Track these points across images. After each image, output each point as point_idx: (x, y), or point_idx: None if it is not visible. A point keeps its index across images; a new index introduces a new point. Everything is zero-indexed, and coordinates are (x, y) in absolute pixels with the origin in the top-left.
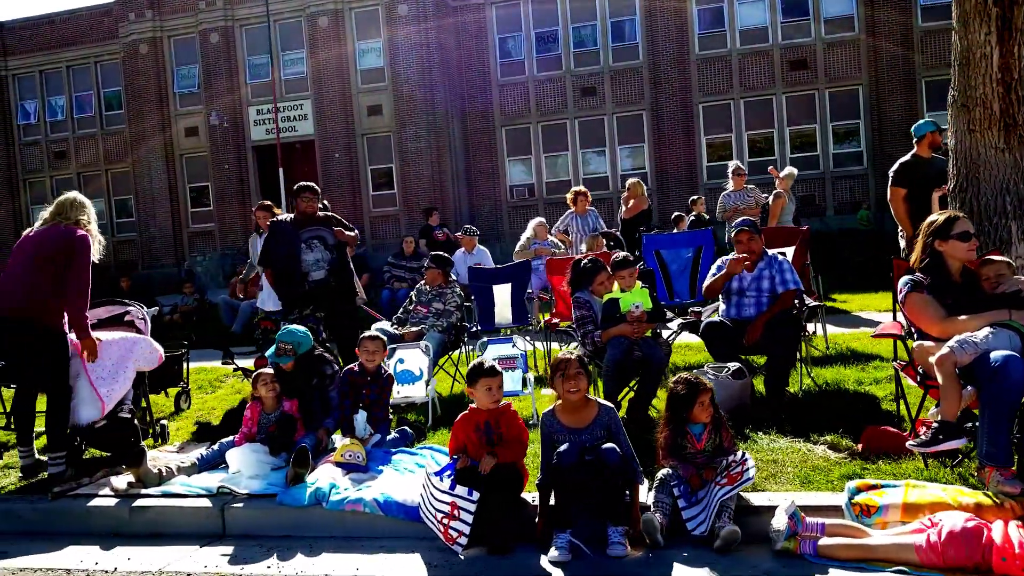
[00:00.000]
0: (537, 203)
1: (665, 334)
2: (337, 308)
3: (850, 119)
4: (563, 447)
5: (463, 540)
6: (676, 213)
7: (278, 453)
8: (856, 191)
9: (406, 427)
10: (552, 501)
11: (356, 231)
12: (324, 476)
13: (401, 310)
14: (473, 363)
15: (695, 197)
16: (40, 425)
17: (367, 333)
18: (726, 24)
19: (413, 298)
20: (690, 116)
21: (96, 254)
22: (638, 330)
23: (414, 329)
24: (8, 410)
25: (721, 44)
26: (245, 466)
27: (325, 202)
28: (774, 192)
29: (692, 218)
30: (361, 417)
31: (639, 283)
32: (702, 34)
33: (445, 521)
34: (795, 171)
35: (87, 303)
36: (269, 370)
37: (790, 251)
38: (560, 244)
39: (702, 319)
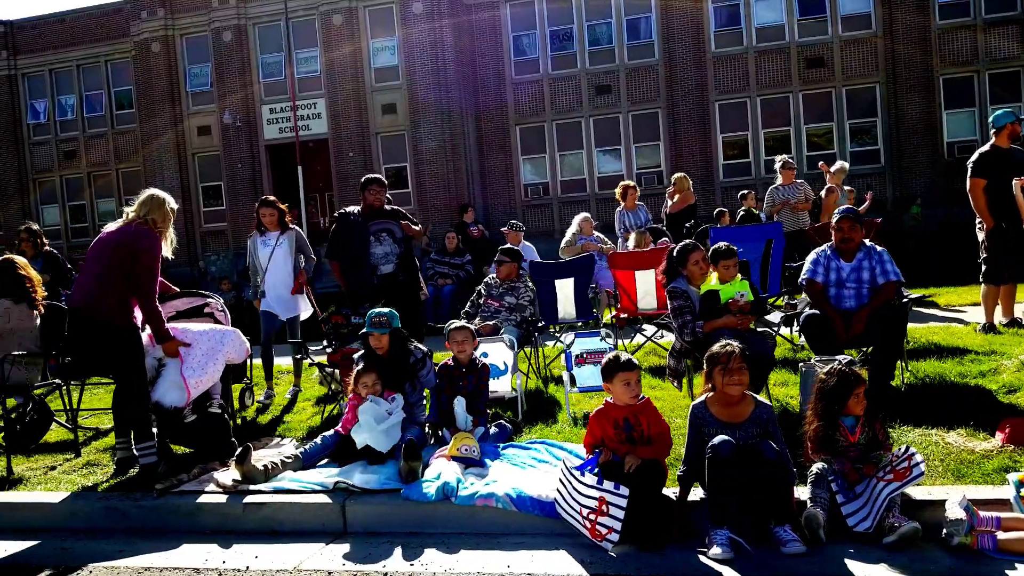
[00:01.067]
0: (551, 202)
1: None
2: (403, 303)
3: (867, 117)
4: (718, 439)
5: (614, 536)
6: (718, 208)
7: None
8: (875, 189)
9: (502, 421)
10: (696, 496)
11: (421, 226)
12: (446, 471)
13: (469, 304)
14: (608, 357)
15: (744, 192)
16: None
17: (454, 324)
18: (742, 22)
19: (482, 291)
20: (706, 114)
21: (168, 253)
22: (743, 321)
23: (490, 323)
24: (73, 406)
25: (737, 42)
26: (369, 426)
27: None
28: (826, 187)
29: (742, 212)
30: (461, 406)
31: (738, 275)
32: (718, 32)
33: (592, 517)
34: (847, 165)
35: (155, 305)
36: (366, 367)
37: None
38: (607, 240)
39: (799, 312)
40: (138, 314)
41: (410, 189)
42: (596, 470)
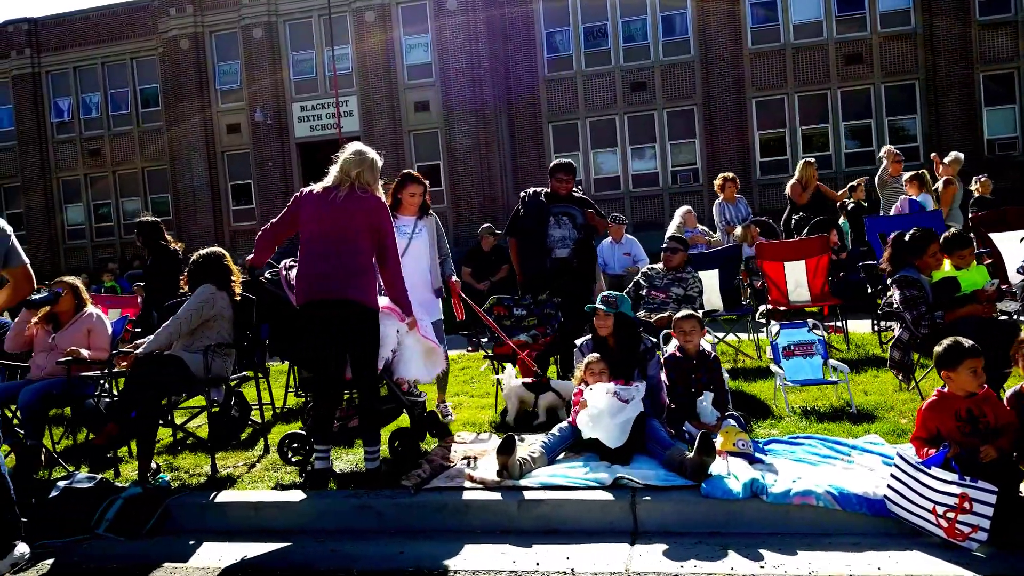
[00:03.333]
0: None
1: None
2: (574, 291)
3: (906, 114)
4: None
5: (980, 536)
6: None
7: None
8: None
9: (735, 414)
10: None
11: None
12: (738, 468)
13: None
14: (948, 344)
15: (854, 183)
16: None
17: (681, 313)
18: (779, 18)
19: (641, 282)
20: (743, 111)
21: None
22: (988, 309)
23: (664, 315)
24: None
25: (775, 38)
26: (601, 419)
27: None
28: (943, 180)
29: (852, 204)
30: (708, 400)
31: (974, 261)
32: (755, 28)
33: (950, 515)
34: (961, 156)
35: (402, 279)
36: (594, 355)
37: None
38: (711, 233)
39: None
40: None
41: (443, 187)
42: (953, 464)
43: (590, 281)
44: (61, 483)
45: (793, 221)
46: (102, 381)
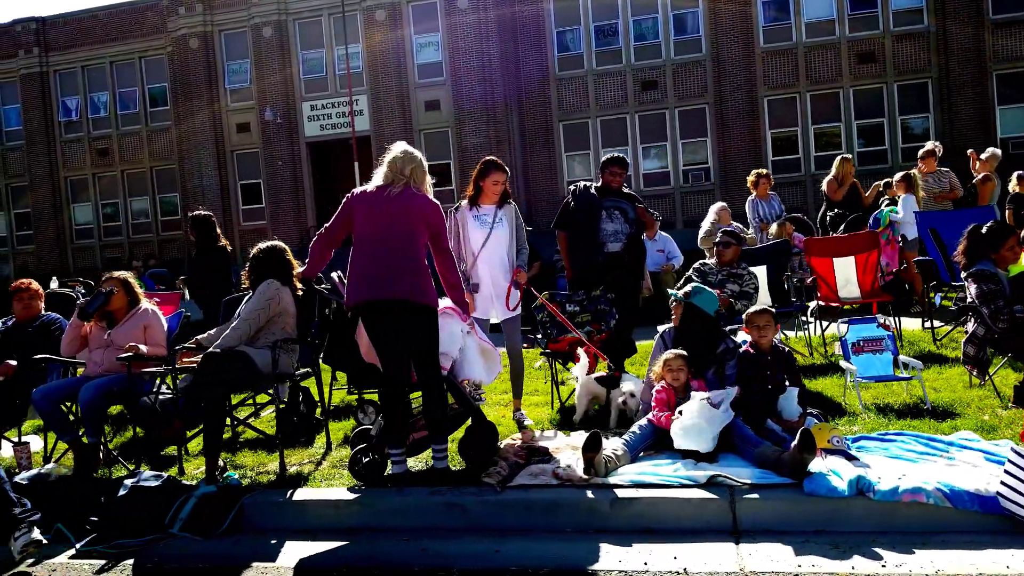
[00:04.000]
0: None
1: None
2: (625, 287)
3: (919, 113)
4: None
5: None
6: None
7: None
8: None
9: (811, 410)
10: None
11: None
12: (836, 465)
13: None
14: None
15: (889, 180)
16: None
17: (754, 308)
18: (791, 17)
19: (693, 278)
20: (755, 110)
21: None
22: None
23: (726, 297)
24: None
25: (787, 37)
26: (699, 428)
27: None
28: (981, 175)
29: (886, 202)
30: (794, 396)
31: None
32: (767, 26)
33: None
34: (998, 152)
35: (460, 278)
36: (673, 351)
37: None
38: (746, 229)
39: None
40: None
41: (454, 186)
42: None
43: (639, 277)
44: (128, 481)
45: (828, 218)
46: (158, 379)
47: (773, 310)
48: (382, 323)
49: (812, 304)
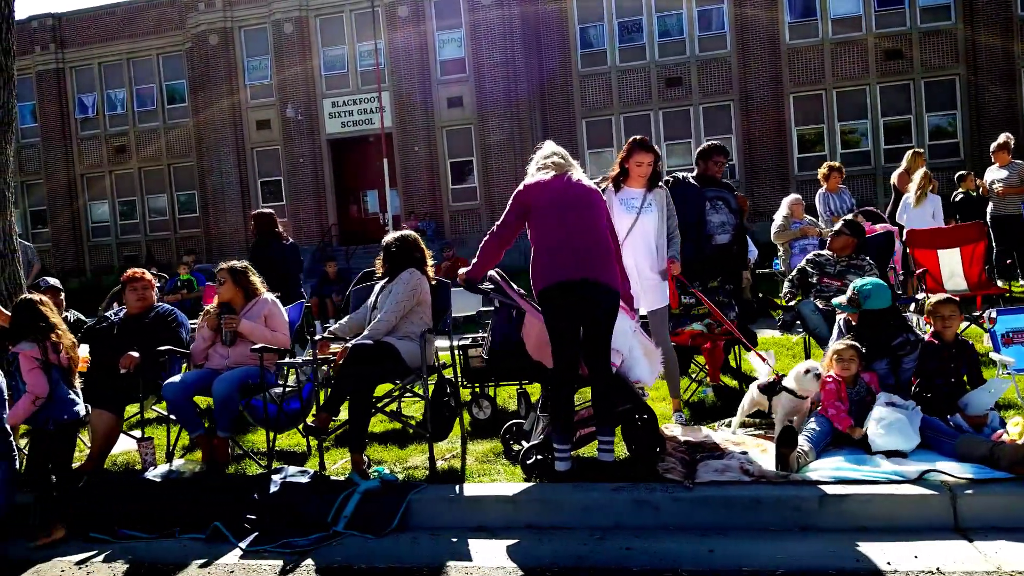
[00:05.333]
0: None
1: None
2: (734, 278)
3: (947, 110)
4: None
5: None
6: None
7: None
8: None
9: None
10: None
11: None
12: None
13: (788, 283)
14: None
15: (962, 173)
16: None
17: (938, 297)
18: (818, 13)
19: (808, 269)
20: (780, 107)
21: None
22: None
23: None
24: None
25: (813, 33)
26: (904, 431)
27: None
28: None
29: (961, 195)
30: (990, 388)
31: None
32: (793, 23)
33: None
34: None
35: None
36: (843, 342)
37: None
38: (817, 222)
39: None
40: None
41: (476, 184)
42: None
43: (743, 268)
44: (275, 477)
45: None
46: (287, 370)
47: (958, 299)
48: (572, 305)
49: (921, 296)
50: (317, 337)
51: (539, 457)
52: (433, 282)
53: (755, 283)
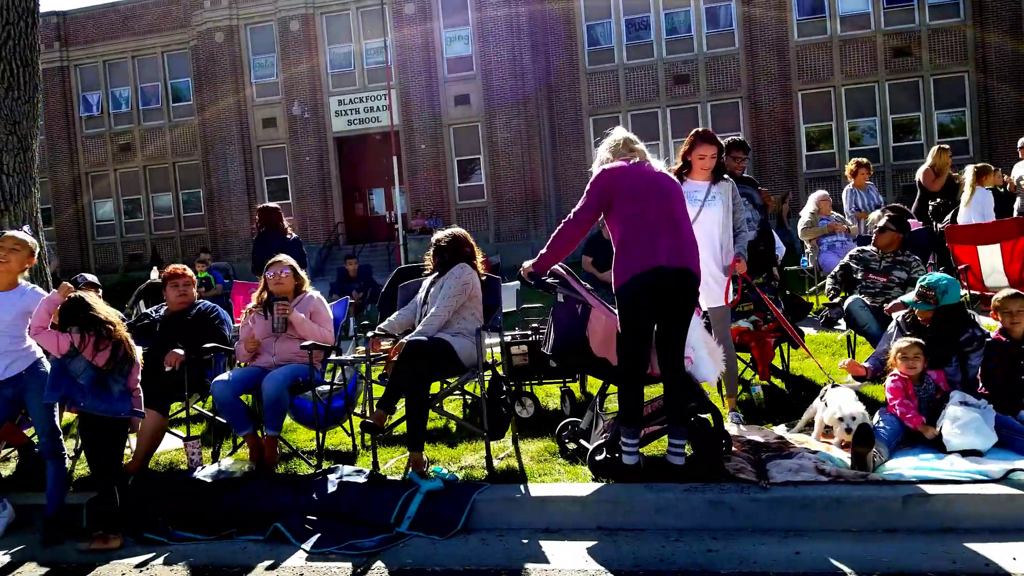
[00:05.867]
0: None
1: None
2: (762, 275)
3: (956, 107)
4: None
5: None
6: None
7: None
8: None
9: None
10: None
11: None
12: None
13: (831, 279)
14: None
15: (985, 165)
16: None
17: (1006, 292)
18: (826, 10)
19: (852, 265)
20: (789, 104)
21: None
22: None
23: (896, 300)
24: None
25: (821, 30)
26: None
27: None
28: None
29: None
30: None
31: None
32: (801, 20)
33: None
34: None
35: None
36: (907, 340)
37: None
38: (846, 220)
39: None
40: None
41: (483, 181)
42: None
43: (771, 264)
44: (332, 477)
45: (930, 207)
46: (335, 367)
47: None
48: (664, 294)
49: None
50: (369, 334)
51: (608, 456)
52: (483, 278)
53: (784, 280)
